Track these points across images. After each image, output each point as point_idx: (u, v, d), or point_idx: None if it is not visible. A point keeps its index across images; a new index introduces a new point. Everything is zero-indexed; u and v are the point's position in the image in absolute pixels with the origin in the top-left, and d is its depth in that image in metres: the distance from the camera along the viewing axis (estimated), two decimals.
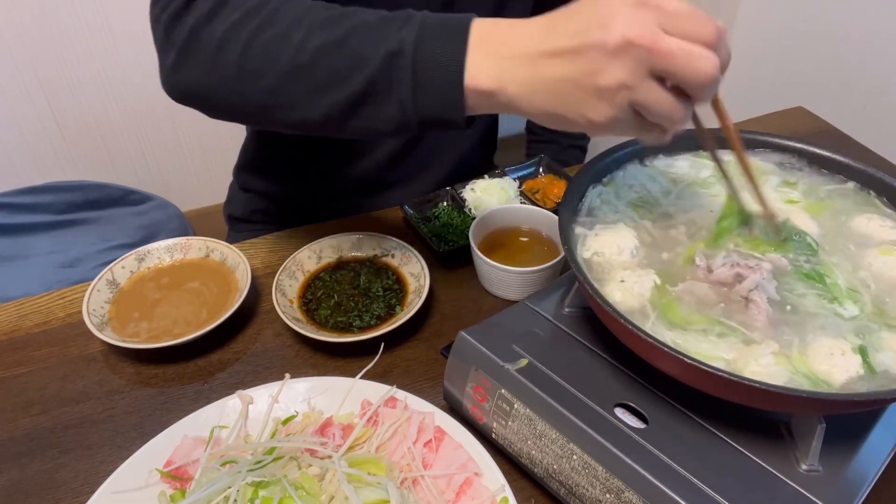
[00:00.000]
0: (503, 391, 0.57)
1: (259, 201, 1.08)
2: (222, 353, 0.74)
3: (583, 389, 0.54)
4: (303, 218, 0.95)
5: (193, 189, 1.96)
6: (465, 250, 0.81)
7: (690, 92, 0.48)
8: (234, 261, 0.80)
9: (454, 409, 0.63)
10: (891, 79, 1.77)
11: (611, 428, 0.52)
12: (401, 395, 0.63)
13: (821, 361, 0.50)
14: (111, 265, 0.79)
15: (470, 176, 0.94)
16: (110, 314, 0.75)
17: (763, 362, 0.49)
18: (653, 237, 0.62)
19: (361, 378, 0.64)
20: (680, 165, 0.70)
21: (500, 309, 0.64)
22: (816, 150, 0.69)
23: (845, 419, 0.53)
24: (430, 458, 0.58)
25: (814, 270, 0.57)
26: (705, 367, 0.45)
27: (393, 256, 0.82)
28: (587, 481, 0.52)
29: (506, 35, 0.52)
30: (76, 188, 1.64)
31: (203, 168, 1.95)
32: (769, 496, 0.48)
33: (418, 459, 0.58)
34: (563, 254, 0.74)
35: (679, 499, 0.47)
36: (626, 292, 0.55)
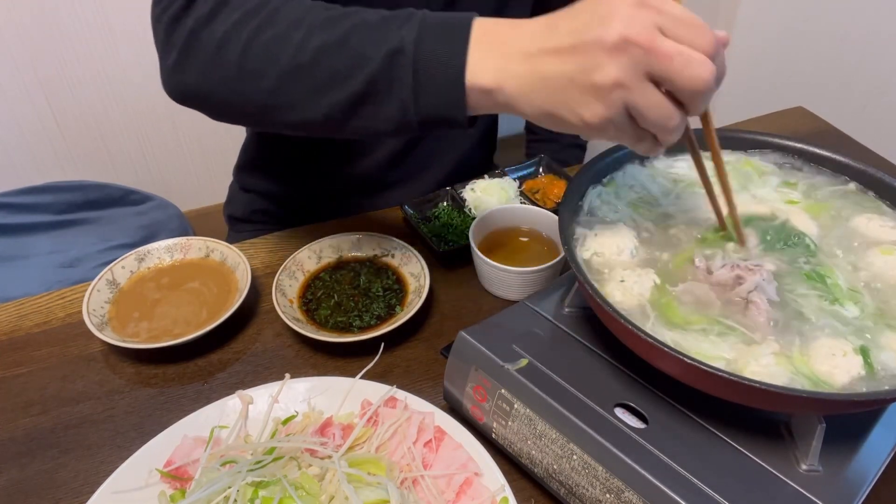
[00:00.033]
0: (503, 391, 0.57)
1: (259, 201, 1.08)
2: (222, 353, 0.74)
3: (583, 389, 0.54)
4: (303, 218, 0.95)
5: (193, 189, 1.96)
6: (465, 250, 0.81)
7: (684, 99, 0.48)
8: (234, 261, 0.80)
9: (454, 409, 0.63)
10: (891, 79, 1.77)
11: (611, 428, 0.52)
12: (401, 395, 0.63)
13: (822, 362, 0.50)
14: (111, 265, 0.79)
15: (470, 176, 0.94)
16: (110, 314, 0.75)
17: (763, 362, 0.49)
18: (653, 237, 0.62)
19: (361, 378, 0.64)
20: (680, 166, 0.70)
21: (500, 309, 0.64)
22: (816, 150, 0.69)
23: (845, 419, 0.53)
24: (430, 458, 0.58)
25: (814, 271, 0.57)
26: (705, 367, 0.45)
27: (393, 256, 0.82)
28: (587, 481, 0.52)
29: (507, 34, 0.52)
30: (76, 188, 1.65)
31: (203, 168, 1.95)
32: (769, 496, 0.48)
33: (418, 459, 0.58)
34: (563, 254, 0.74)
35: (679, 499, 0.47)
36: (625, 292, 0.55)
